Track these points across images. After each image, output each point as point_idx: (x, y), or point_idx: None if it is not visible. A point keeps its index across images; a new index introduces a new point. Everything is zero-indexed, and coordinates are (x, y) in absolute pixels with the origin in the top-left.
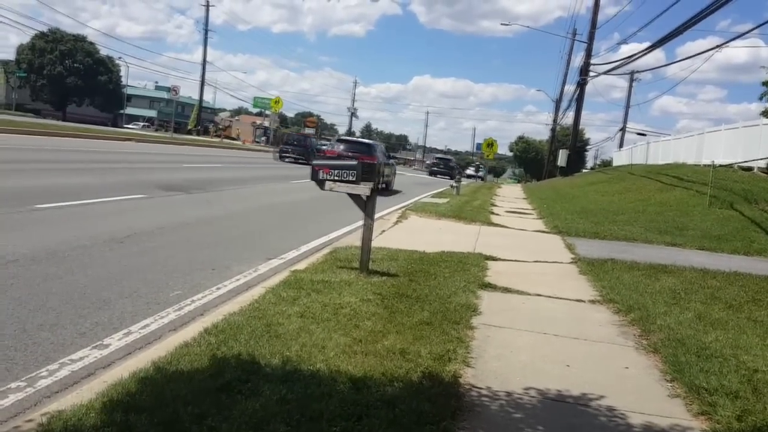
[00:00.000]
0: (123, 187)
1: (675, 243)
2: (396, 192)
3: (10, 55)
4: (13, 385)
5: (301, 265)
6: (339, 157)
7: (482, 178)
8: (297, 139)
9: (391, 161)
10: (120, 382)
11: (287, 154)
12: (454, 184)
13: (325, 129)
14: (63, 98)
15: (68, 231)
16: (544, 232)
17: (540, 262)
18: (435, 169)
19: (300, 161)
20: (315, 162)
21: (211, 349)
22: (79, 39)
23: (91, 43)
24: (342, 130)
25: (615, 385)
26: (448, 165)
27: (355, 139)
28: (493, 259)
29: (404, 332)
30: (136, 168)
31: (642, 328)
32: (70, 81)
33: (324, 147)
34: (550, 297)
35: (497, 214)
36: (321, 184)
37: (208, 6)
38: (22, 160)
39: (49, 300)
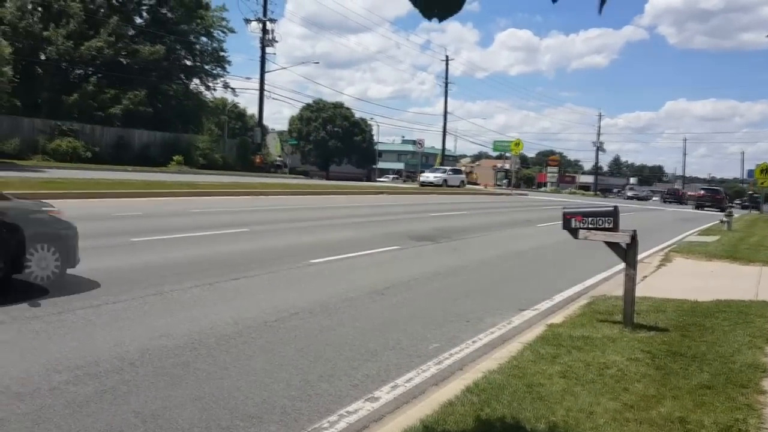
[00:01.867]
0: (379, 239)
1: None
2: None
3: (284, 126)
4: None
5: (556, 318)
6: (701, 197)
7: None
8: (671, 190)
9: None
10: None
11: (668, 199)
12: (725, 219)
13: (568, 166)
14: (326, 159)
15: (337, 284)
16: None
17: None
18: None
19: (672, 202)
20: (566, 210)
21: (475, 409)
22: (338, 106)
23: (348, 108)
24: (587, 165)
25: None
26: None
27: (709, 187)
28: None
29: (681, 397)
30: (389, 220)
31: None
32: (331, 144)
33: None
34: None
35: None
36: (574, 232)
37: (447, 61)
38: (297, 219)
39: (325, 351)
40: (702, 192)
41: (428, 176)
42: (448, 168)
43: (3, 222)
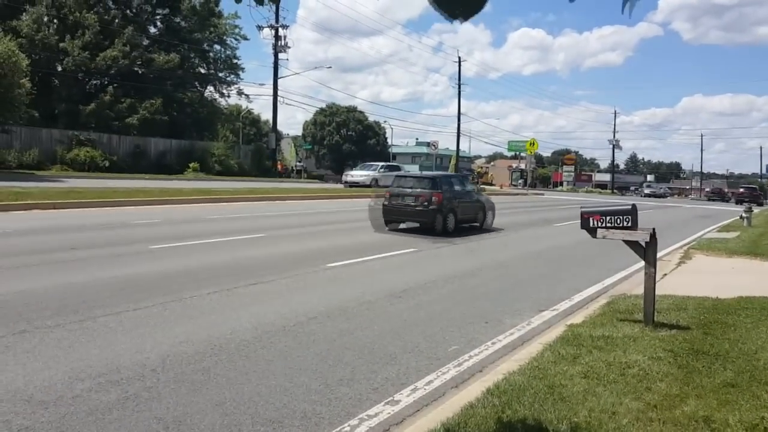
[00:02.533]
0: (395, 242)
1: None
2: None
3: (298, 131)
4: None
5: (576, 318)
6: (740, 194)
7: None
8: (715, 189)
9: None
10: None
11: (713, 198)
12: (744, 215)
13: (584, 164)
14: (340, 163)
15: (354, 287)
16: None
17: None
18: None
19: (717, 200)
20: (584, 209)
21: (496, 411)
22: (351, 110)
23: (361, 112)
24: (603, 164)
25: None
26: None
27: (748, 185)
28: None
29: (705, 396)
30: None
31: None
32: (346, 147)
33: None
34: None
35: None
36: (592, 232)
37: (459, 62)
38: (314, 223)
39: (345, 355)
40: (742, 190)
41: (353, 175)
42: (380, 164)
43: (482, 203)
